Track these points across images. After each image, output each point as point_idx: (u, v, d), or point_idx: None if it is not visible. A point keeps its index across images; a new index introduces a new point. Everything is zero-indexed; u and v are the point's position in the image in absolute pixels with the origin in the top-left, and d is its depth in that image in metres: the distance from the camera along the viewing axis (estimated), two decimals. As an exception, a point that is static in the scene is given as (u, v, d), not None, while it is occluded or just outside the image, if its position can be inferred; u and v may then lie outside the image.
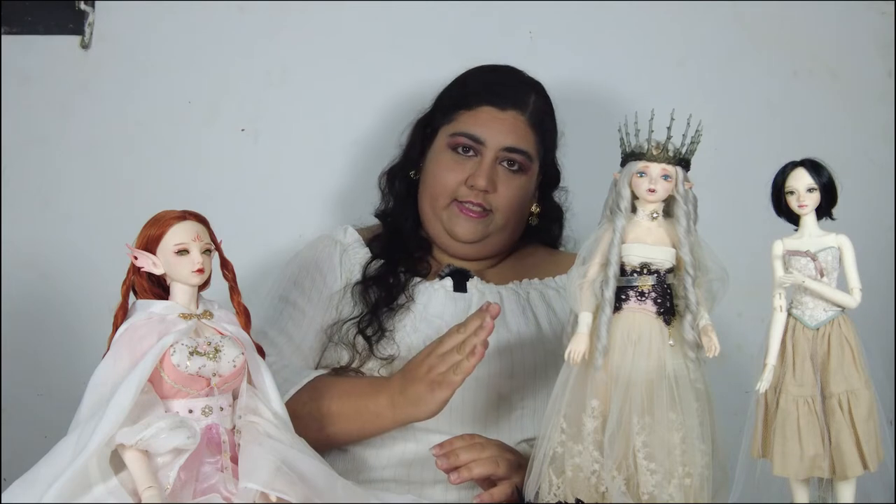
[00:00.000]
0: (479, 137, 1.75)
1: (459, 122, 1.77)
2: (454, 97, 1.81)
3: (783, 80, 2.13)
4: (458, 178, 1.75)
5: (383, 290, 1.71)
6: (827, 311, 1.22)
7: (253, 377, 1.26)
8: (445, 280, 1.76)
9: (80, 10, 2.05)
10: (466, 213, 1.75)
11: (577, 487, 1.27)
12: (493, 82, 1.81)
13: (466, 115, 1.77)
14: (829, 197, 1.24)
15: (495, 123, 1.75)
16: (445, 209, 1.76)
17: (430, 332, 1.68)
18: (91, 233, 2.02)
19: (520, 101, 1.78)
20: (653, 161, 1.27)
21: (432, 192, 1.77)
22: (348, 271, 1.77)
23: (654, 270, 1.27)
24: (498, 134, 1.75)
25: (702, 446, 1.25)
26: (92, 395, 1.19)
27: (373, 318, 1.69)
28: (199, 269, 1.23)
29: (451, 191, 1.75)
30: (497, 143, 1.75)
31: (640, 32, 2.13)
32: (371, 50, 2.10)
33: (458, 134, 1.76)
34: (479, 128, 1.75)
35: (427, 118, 1.85)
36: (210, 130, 2.09)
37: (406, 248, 1.79)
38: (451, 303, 1.73)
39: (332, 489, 1.23)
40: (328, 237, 1.83)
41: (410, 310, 1.72)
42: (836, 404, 1.20)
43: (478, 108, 1.77)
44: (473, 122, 1.76)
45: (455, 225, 1.76)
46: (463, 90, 1.81)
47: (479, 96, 1.78)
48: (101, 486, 1.15)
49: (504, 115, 1.76)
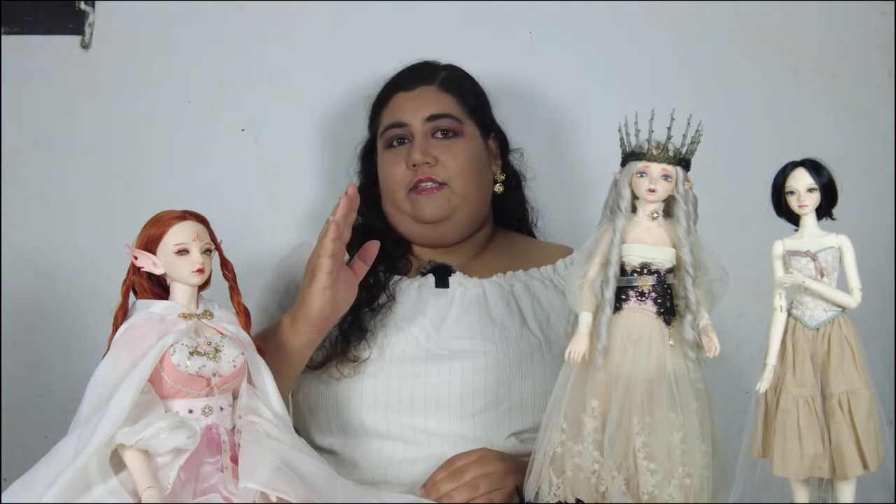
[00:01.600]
0: (400, 121, 1.79)
1: (383, 120, 1.82)
2: (374, 106, 1.87)
3: (783, 80, 2.13)
4: (402, 167, 1.77)
5: (363, 290, 1.70)
6: (827, 311, 1.22)
7: (253, 377, 1.26)
8: (427, 276, 1.77)
9: (80, 10, 2.05)
10: (423, 193, 1.75)
11: (577, 487, 1.27)
12: (399, 75, 1.86)
13: (385, 111, 1.83)
14: (830, 197, 1.24)
15: (408, 103, 1.80)
16: (406, 200, 1.77)
17: (414, 329, 1.68)
18: (91, 233, 2.02)
19: (425, 77, 1.83)
20: (653, 161, 1.27)
21: (389, 192, 1.79)
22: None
23: (655, 270, 1.27)
24: (414, 109, 1.79)
25: (702, 446, 1.25)
26: (92, 395, 1.19)
27: (353, 319, 1.68)
28: (199, 269, 1.23)
29: (402, 182, 1.77)
30: (416, 117, 1.78)
31: (640, 32, 2.13)
32: (371, 50, 2.10)
33: (384, 130, 1.81)
34: (397, 114, 1.80)
35: (368, 143, 1.90)
36: (210, 130, 2.08)
37: (385, 248, 1.77)
38: (433, 298, 1.73)
39: (332, 489, 1.23)
40: (306, 243, 1.83)
41: (392, 309, 1.72)
42: (836, 404, 1.20)
43: (391, 99, 1.83)
44: (391, 112, 1.81)
45: (419, 209, 1.76)
46: (378, 96, 1.87)
47: (388, 89, 1.84)
48: (101, 486, 1.15)
49: (414, 93, 1.81)
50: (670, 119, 1.26)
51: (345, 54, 2.10)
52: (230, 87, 2.09)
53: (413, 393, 1.64)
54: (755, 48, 2.14)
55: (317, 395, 1.70)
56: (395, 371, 1.65)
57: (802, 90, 2.13)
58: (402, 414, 1.63)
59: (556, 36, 2.13)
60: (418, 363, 1.65)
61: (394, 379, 1.65)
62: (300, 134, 2.10)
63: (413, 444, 1.63)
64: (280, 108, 2.10)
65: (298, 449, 1.24)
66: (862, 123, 2.12)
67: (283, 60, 2.10)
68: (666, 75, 2.11)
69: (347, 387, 1.66)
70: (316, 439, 1.72)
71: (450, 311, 1.72)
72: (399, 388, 1.64)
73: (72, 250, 2.01)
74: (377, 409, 1.65)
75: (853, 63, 2.13)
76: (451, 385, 1.63)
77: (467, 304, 1.73)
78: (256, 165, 2.09)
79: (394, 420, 1.63)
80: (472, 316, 1.71)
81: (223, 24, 2.09)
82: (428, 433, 1.63)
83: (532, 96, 1.94)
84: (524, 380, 1.67)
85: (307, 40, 2.11)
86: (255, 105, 2.10)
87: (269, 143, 2.10)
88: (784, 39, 2.13)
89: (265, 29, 2.10)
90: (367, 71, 2.09)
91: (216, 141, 2.09)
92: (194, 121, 2.08)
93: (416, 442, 1.63)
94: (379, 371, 1.65)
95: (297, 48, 2.11)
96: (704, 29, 2.14)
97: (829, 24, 2.13)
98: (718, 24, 2.13)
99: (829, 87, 2.13)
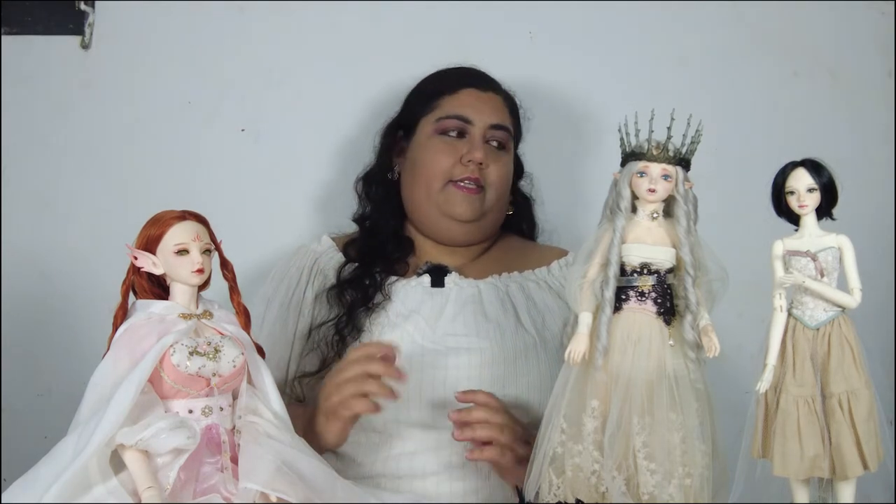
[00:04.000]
0: (467, 117, 1.79)
1: (444, 107, 1.81)
2: (431, 90, 1.85)
3: (783, 80, 2.13)
4: (451, 159, 1.77)
5: (359, 290, 1.72)
6: (827, 311, 1.22)
7: (253, 377, 1.26)
8: (423, 276, 1.77)
9: (80, 10, 2.05)
10: (464, 191, 1.77)
11: (577, 487, 1.27)
12: (469, 71, 1.87)
13: (449, 99, 1.81)
14: (830, 197, 1.24)
15: (479, 103, 1.81)
16: (441, 191, 1.77)
17: (408, 326, 1.69)
18: (91, 233, 2.02)
19: (496, 86, 1.86)
20: (653, 161, 1.27)
21: (427, 177, 1.78)
22: (322, 278, 1.79)
23: (655, 270, 1.27)
24: (483, 112, 1.80)
25: (702, 446, 1.24)
26: (92, 395, 1.19)
27: (349, 318, 1.70)
28: (198, 269, 1.23)
29: (446, 172, 1.77)
30: (484, 121, 1.79)
31: (640, 32, 2.13)
32: (371, 50, 2.10)
33: (444, 118, 1.80)
34: (465, 108, 1.80)
35: (398, 120, 1.89)
36: (210, 130, 2.09)
37: (384, 250, 1.81)
38: (428, 298, 1.74)
39: (331, 489, 1.23)
40: (303, 247, 1.86)
41: (387, 308, 1.72)
42: (836, 404, 1.20)
43: (460, 90, 1.82)
44: (458, 103, 1.80)
45: (454, 205, 1.77)
46: (440, 82, 1.85)
47: (460, 81, 1.83)
48: (101, 486, 1.15)
49: (486, 95, 1.82)
50: (670, 119, 1.25)
51: (345, 54, 2.10)
52: (230, 87, 2.10)
53: (409, 389, 1.63)
54: (755, 48, 2.14)
55: (315, 393, 1.70)
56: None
57: (802, 90, 2.13)
58: (398, 409, 1.63)
59: (556, 36, 2.13)
60: (414, 359, 1.65)
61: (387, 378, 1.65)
62: (300, 134, 2.10)
63: (410, 440, 1.64)
64: (280, 108, 2.10)
65: (298, 449, 1.24)
66: (862, 123, 2.12)
67: (283, 60, 2.10)
68: (666, 75, 2.11)
69: None
70: None
71: (445, 309, 1.73)
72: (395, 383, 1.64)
73: (71, 250, 2.01)
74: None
75: (853, 63, 2.13)
76: (447, 381, 1.64)
77: (463, 303, 1.74)
78: (256, 165, 2.09)
79: (390, 416, 1.62)
80: (468, 314, 1.72)
81: (223, 24, 2.09)
82: (424, 427, 1.63)
83: (532, 96, 1.94)
84: (519, 377, 1.68)
85: (307, 40, 2.11)
86: (255, 105, 2.10)
87: (269, 143, 2.10)
88: (784, 39, 2.14)
89: (265, 29, 2.10)
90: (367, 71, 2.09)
91: (216, 141, 2.09)
92: (194, 121, 2.08)
93: (412, 437, 1.63)
94: None
95: (297, 48, 2.11)
96: (705, 29, 2.14)
97: (829, 24, 2.13)
98: (718, 24, 2.14)
99: (829, 87, 2.13)
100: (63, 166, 2.05)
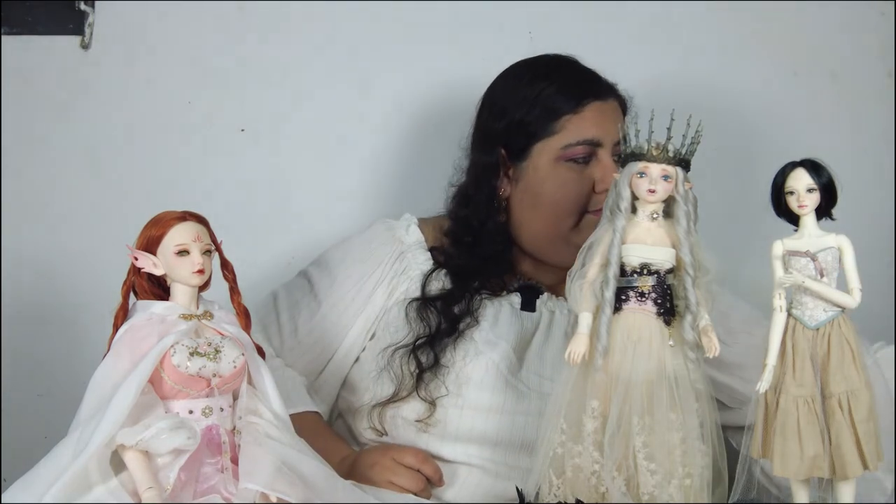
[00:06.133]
0: (597, 140, 1.61)
1: (569, 131, 1.61)
2: (549, 107, 1.62)
3: (783, 80, 2.13)
4: (584, 189, 1.61)
5: (447, 318, 1.59)
6: (827, 311, 1.22)
7: (253, 378, 1.26)
8: (513, 295, 1.66)
9: (80, 10, 2.05)
10: (597, 216, 1.55)
11: (577, 488, 1.27)
12: (584, 73, 1.67)
13: (573, 119, 1.62)
14: (829, 197, 1.24)
15: (604, 119, 1.62)
16: (575, 226, 1.62)
17: (494, 355, 1.59)
18: (91, 233, 2.02)
19: (614, 90, 1.67)
20: (653, 161, 1.27)
21: (557, 212, 1.62)
22: (407, 280, 1.66)
23: (654, 271, 1.27)
24: (610, 130, 1.60)
25: (702, 447, 1.25)
26: (92, 396, 1.19)
27: (431, 347, 1.58)
28: (199, 270, 1.22)
29: (580, 205, 1.62)
30: (611, 139, 1.60)
31: (639, 32, 2.13)
32: (371, 50, 2.10)
33: (572, 145, 1.61)
34: (592, 130, 1.61)
35: (502, 136, 1.66)
36: (210, 130, 2.08)
37: (484, 270, 1.65)
38: (517, 322, 1.63)
39: (332, 490, 1.23)
40: (388, 231, 1.70)
41: (472, 333, 1.60)
42: (836, 404, 1.20)
43: (584, 107, 1.62)
44: (585, 125, 1.61)
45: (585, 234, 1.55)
46: (559, 97, 1.63)
47: (582, 94, 1.63)
48: (101, 486, 1.15)
49: (608, 106, 1.64)
50: (670, 119, 1.26)
51: (345, 54, 2.10)
52: (230, 87, 2.09)
53: (486, 427, 1.58)
54: (755, 48, 2.14)
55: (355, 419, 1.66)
56: (472, 398, 1.58)
57: (802, 90, 2.13)
58: (471, 444, 1.59)
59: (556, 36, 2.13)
60: (497, 393, 1.58)
61: (468, 410, 1.58)
62: (300, 134, 2.10)
63: (479, 469, 1.59)
64: (280, 108, 2.10)
65: (299, 449, 1.24)
66: (862, 123, 2.12)
67: (282, 60, 2.10)
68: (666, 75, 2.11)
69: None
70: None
71: (534, 339, 1.63)
72: (472, 420, 1.58)
73: (72, 251, 2.01)
74: (446, 439, 1.59)
75: (853, 63, 2.13)
76: (527, 427, 1.57)
77: (552, 333, 1.64)
78: (256, 165, 2.08)
79: (460, 450, 1.59)
80: (556, 349, 1.60)
81: (223, 23, 2.09)
82: (495, 462, 1.59)
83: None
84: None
85: (307, 40, 2.11)
86: (255, 105, 2.10)
87: (269, 143, 2.10)
88: (784, 39, 2.14)
89: (265, 29, 2.10)
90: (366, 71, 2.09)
91: (216, 141, 2.08)
92: (194, 121, 2.08)
93: (482, 467, 1.59)
94: (454, 401, 1.58)
95: (297, 48, 2.10)
96: (704, 29, 2.14)
97: (829, 24, 2.13)
98: (718, 24, 2.13)
99: (829, 87, 2.13)
100: (63, 166, 2.04)
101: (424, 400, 1.58)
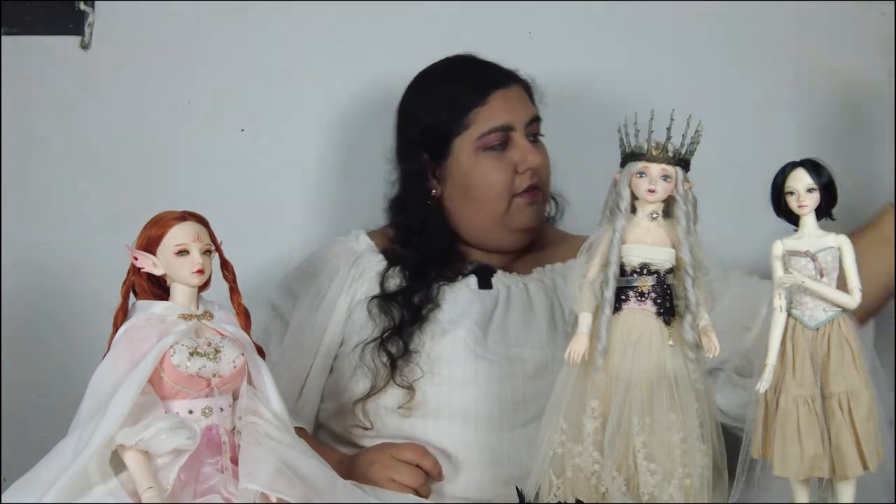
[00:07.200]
0: (507, 124, 1.70)
1: (480, 122, 1.70)
2: (455, 104, 1.72)
3: (783, 80, 2.13)
4: (507, 173, 1.70)
5: (408, 307, 1.65)
6: (827, 311, 1.22)
7: (253, 378, 1.26)
8: (469, 277, 1.72)
9: (80, 10, 2.05)
10: (528, 198, 1.71)
11: (577, 488, 1.27)
12: (482, 69, 1.75)
13: (482, 111, 1.70)
14: (829, 197, 1.24)
15: (510, 103, 1.72)
16: (507, 211, 1.71)
17: (460, 331, 1.65)
18: (91, 233, 2.02)
19: (514, 75, 1.76)
20: (652, 161, 1.27)
21: (488, 199, 1.70)
22: (365, 283, 1.72)
23: (654, 271, 1.27)
24: (518, 113, 1.71)
25: (702, 447, 1.25)
26: (92, 396, 1.19)
27: (399, 336, 1.64)
28: (199, 270, 1.23)
29: (508, 188, 1.70)
30: (520, 119, 1.71)
31: (639, 32, 2.13)
32: (371, 50, 2.10)
33: (486, 134, 1.70)
34: (501, 116, 1.70)
35: (419, 142, 1.75)
36: (210, 130, 2.08)
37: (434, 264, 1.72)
38: (476, 300, 1.69)
39: (332, 490, 1.23)
40: (339, 243, 1.78)
41: (435, 315, 1.67)
42: (835, 404, 1.20)
43: (489, 98, 1.71)
44: (493, 113, 1.70)
45: (523, 217, 1.72)
46: (464, 93, 1.72)
47: (484, 86, 1.72)
48: (101, 486, 1.15)
49: (512, 92, 1.73)
50: (670, 119, 1.26)
51: (345, 55, 2.10)
52: (230, 87, 2.09)
53: (464, 399, 1.62)
54: (755, 48, 2.14)
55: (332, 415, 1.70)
56: (445, 374, 1.63)
57: (802, 90, 2.13)
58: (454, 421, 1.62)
59: (556, 36, 2.13)
60: (468, 365, 1.63)
61: (444, 385, 1.63)
62: (300, 134, 2.10)
63: (452, 457, 1.62)
64: (280, 108, 2.09)
65: (298, 450, 1.24)
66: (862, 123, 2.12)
67: (282, 61, 2.10)
68: (666, 75, 2.11)
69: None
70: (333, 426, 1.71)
71: (494, 313, 1.69)
72: (450, 394, 1.62)
73: (72, 251, 2.01)
74: (428, 417, 1.63)
75: (853, 63, 2.13)
76: (501, 394, 1.61)
77: (511, 305, 1.70)
78: (256, 166, 2.08)
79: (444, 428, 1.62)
80: (517, 318, 1.68)
81: (223, 24, 2.09)
82: (467, 445, 1.61)
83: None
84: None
85: (307, 41, 2.11)
86: (255, 105, 2.10)
87: (269, 143, 2.10)
88: (784, 39, 2.13)
89: (265, 30, 2.10)
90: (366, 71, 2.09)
91: (216, 141, 2.08)
92: (194, 121, 2.08)
93: (455, 455, 1.61)
94: (430, 380, 1.63)
95: (296, 49, 2.10)
96: (704, 29, 2.14)
97: (829, 24, 2.13)
98: (719, 24, 2.13)
99: (829, 87, 2.13)
100: (63, 166, 2.04)
101: (402, 386, 1.62)
